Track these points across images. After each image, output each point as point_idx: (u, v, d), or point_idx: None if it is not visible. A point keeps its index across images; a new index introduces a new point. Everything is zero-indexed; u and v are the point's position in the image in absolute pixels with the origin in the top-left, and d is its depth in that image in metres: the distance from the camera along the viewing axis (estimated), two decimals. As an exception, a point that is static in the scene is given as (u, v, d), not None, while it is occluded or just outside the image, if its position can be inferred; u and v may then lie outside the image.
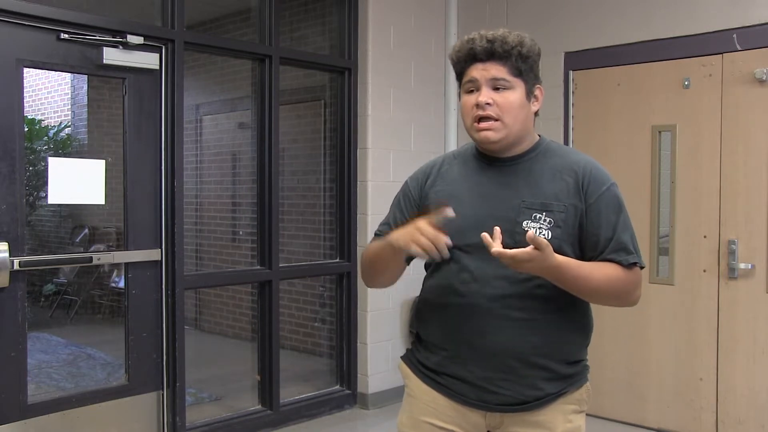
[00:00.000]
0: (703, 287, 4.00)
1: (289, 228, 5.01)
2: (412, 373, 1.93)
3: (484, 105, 1.75)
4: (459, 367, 1.80)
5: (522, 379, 1.76)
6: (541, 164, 1.82)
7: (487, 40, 1.76)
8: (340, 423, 4.39)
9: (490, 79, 1.75)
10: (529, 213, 1.74)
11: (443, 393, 1.84)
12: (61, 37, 3.35)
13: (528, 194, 1.77)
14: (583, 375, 1.86)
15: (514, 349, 1.74)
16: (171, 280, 3.73)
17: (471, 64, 1.78)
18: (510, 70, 1.76)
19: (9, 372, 3.24)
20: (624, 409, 4.29)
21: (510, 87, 1.76)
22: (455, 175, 1.88)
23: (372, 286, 2.04)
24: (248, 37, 4.65)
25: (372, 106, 4.56)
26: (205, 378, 4.86)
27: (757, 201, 3.81)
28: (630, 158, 4.24)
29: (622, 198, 1.82)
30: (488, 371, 1.76)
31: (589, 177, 1.78)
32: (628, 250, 1.77)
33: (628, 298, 1.81)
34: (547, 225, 1.73)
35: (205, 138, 6.48)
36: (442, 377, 1.84)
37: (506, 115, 1.75)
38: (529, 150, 1.84)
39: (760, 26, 3.77)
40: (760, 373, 3.81)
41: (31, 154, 5.16)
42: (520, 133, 1.80)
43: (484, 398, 1.79)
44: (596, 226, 1.75)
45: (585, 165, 1.81)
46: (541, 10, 4.57)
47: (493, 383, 1.77)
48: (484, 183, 1.83)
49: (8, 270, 3.18)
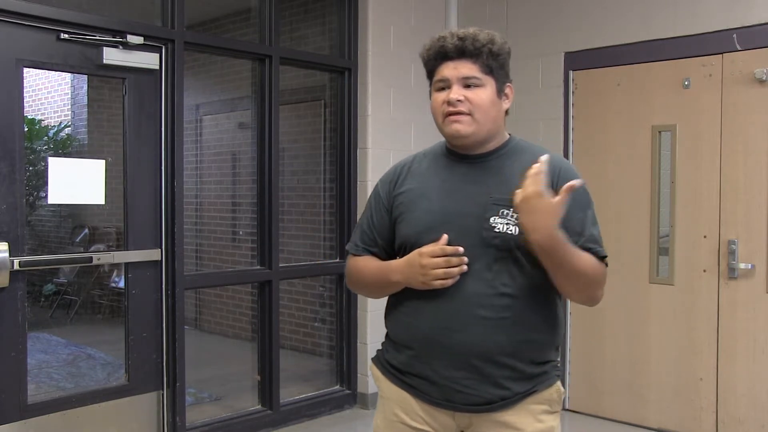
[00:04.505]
0: (703, 287, 4.00)
1: (289, 228, 5.01)
2: (381, 375, 1.92)
3: (456, 102, 1.75)
4: (424, 366, 1.79)
5: (487, 378, 1.74)
6: (511, 161, 1.81)
7: (458, 38, 1.76)
8: (340, 423, 4.39)
9: (462, 78, 1.76)
10: (496, 209, 1.73)
11: (411, 393, 1.83)
12: (61, 37, 3.35)
13: (496, 190, 1.76)
14: (551, 375, 1.83)
15: (479, 348, 1.73)
16: (171, 280, 3.73)
17: (442, 62, 1.78)
18: (481, 67, 1.76)
19: (9, 372, 3.24)
20: (624, 409, 4.29)
21: (481, 84, 1.76)
22: (424, 172, 1.88)
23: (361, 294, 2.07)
24: (248, 37, 4.65)
25: (372, 106, 4.56)
26: (205, 378, 4.86)
27: (757, 201, 3.81)
28: (630, 158, 4.24)
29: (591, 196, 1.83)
30: (453, 370, 1.75)
31: (559, 173, 1.77)
32: (600, 243, 1.77)
33: (598, 290, 1.79)
34: (514, 221, 1.71)
35: (205, 138, 6.48)
36: (408, 377, 1.84)
37: (477, 111, 1.76)
38: (498, 147, 1.84)
39: (760, 26, 3.77)
40: (760, 373, 3.81)
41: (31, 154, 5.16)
42: (491, 130, 1.80)
43: (450, 398, 1.78)
44: (566, 220, 1.71)
45: (555, 162, 1.79)
46: (541, 10, 4.57)
47: (458, 382, 1.75)
48: (452, 179, 1.83)
49: (8, 270, 3.18)
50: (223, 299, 6.16)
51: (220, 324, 6.20)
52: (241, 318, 5.94)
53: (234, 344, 5.98)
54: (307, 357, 5.26)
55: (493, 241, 1.72)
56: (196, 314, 6.36)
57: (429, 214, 1.78)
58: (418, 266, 1.72)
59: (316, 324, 5.19)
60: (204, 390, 4.62)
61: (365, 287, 1.98)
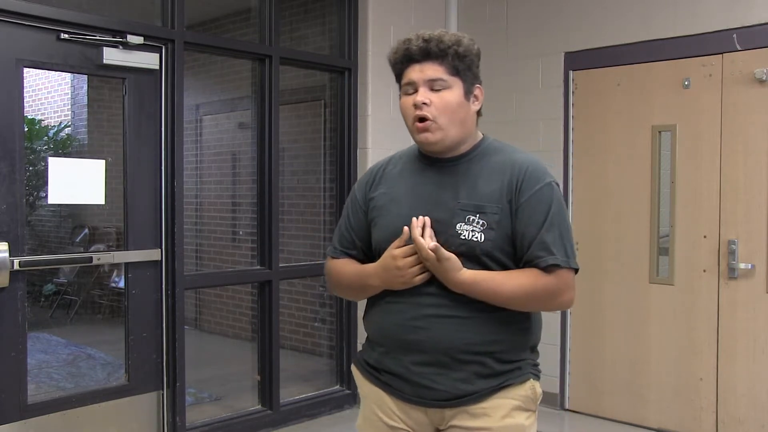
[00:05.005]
0: (703, 287, 4.00)
1: (289, 228, 5.02)
2: (360, 375, 1.94)
3: (421, 104, 1.74)
4: (395, 362, 1.81)
5: (455, 373, 1.75)
6: (480, 164, 1.80)
7: (423, 39, 1.76)
8: (340, 423, 4.39)
9: (427, 80, 1.76)
10: (463, 215, 1.74)
11: (386, 391, 1.85)
12: (61, 37, 3.35)
13: (464, 195, 1.76)
14: (525, 372, 1.81)
15: (446, 345, 1.74)
16: (171, 280, 3.73)
17: (408, 65, 1.79)
18: (447, 69, 1.76)
19: (9, 372, 3.24)
20: (624, 409, 4.29)
21: (447, 87, 1.76)
22: (397, 177, 1.89)
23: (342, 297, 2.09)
24: (248, 37, 4.65)
25: (372, 106, 4.56)
26: (205, 378, 4.86)
27: (757, 201, 3.81)
28: (630, 158, 4.24)
29: (558, 197, 1.77)
30: (422, 367, 1.76)
31: (523, 176, 1.75)
32: (550, 250, 1.70)
33: (552, 302, 1.76)
34: (480, 228, 1.72)
35: (205, 138, 6.48)
36: (383, 374, 1.86)
37: (442, 116, 1.75)
38: (469, 150, 1.83)
39: (760, 26, 3.77)
40: (760, 373, 3.81)
41: (31, 154, 5.16)
42: (460, 133, 1.79)
43: (420, 394, 1.79)
44: (524, 225, 1.72)
45: (522, 163, 1.78)
46: (541, 10, 4.57)
47: (427, 378, 1.76)
48: (423, 184, 1.83)
49: (8, 270, 3.18)
50: (223, 299, 6.16)
51: (220, 324, 6.20)
52: (241, 318, 5.94)
53: (234, 344, 5.98)
54: (307, 357, 5.26)
55: (460, 248, 1.72)
56: (196, 314, 6.36)
57: (400, 219, 1.78)
58: (394, 269, 1.74)
59: (316, 324, 5.19)
60: (204, 390, 4.62)
61: (345, 290, 2.00)
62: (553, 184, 1.78)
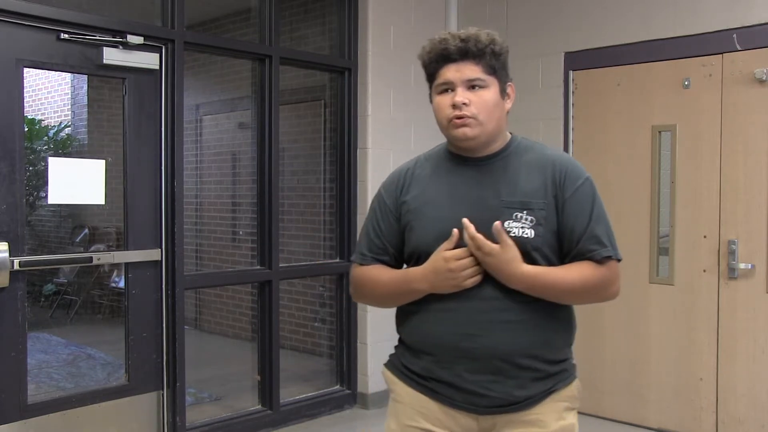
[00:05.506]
0: (703, 287, 4.00)
1: (289, 228, 5.02)
2: (397, 379, 1.90)
3: (461, 105, 1.73)
4: (447, 371, 1.78)
5: (510, 380, 1.74)
6: (516, 161, 1.80)
7: (460, 39, 1.74)
8: (340, 423, 4.39)
9: (465, 80, 1.74)
10: (509, 212, 1.72)
11: (432, 397, 1.81)
12: (61, 37, 3.35)
13: (506, 193, 1.75)
14: (571, 372, 1.84)
15: (502, 351, 1.72)
16: (171, 280, 3.73)
17: (444, 64, 1.76)
18: (484, 68, 1.75)
19: (9, 372, 3.24)
20: (624, 409, 4.29)
21: (485, 86, 1.75)
22: (429, 178, 1.86)
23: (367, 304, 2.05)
24: (248, 37, 4.65)
25: (372, 106, 4.56)
26: (205, 378, 4.86)
27: (757, 201, 3.81)
28: (630, 158, 4.24)
29: (597, 192, 1.81)
30: (476, 374, 1.74)
31: (564, 172, 1.77)
32: (602, 242, 1.74)
33: (605, 293, 1.79)
34: (529, 224, 1.71)
35: (205, 138, 6.48)
36: (430, 382, 1.82)
37: (481, 113, 1.74)
38: (503, 148, 1.82)
39: (760, 26, 3.77)
40: (760, 373, 3.81)
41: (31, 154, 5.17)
42: (495, 131, 1.79)
43: (473, 401, 1.77)
44: (571, 220, 1.73)
45: (560, 160, 1.80)
46: (541, 10, 4.57)
47: (481, 386, 1.75)
48: (459, 184, 1.81)
49: (8, 270, 3.18)
50: (223, 299, 6.16)
51: (220, 324, 6.20)
52: (241, 318, 5.94)
53: (234, 344, 5.98)
54: (307, 357, 5.26)
55: None
56: (196, 314, 6.36)
57: (442, 222, 1.75)
58: (446, 272, 1.70)
59: (316, 324, 5.19)
60: (204, 390, 4.62)
61: (378, 297, 1.93)
62: (591, 179, 1.81)
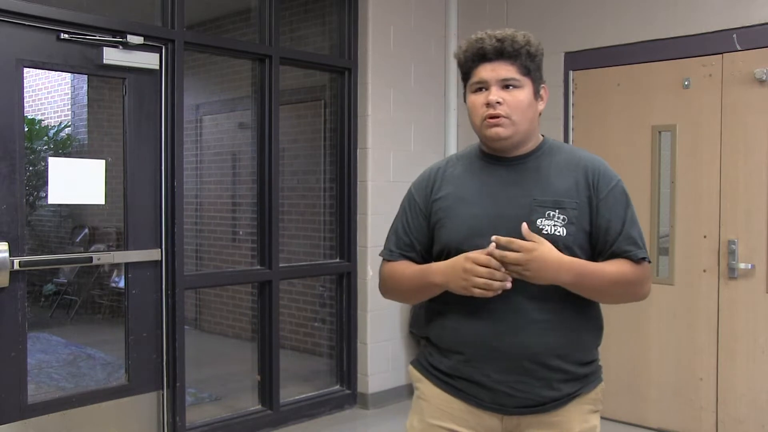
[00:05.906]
0: (703, 287, 4.00)
1: (289, 228, 5.02)
2: (423, 377, 1.90)
3: (495, 104, 1.74)
4: (475, 371, 1.78)
5: (539, 380, 1.75)
6: (548, 162, 1.81)
7: (496, 39, 1.75)
8: (340, 423, 4.39)
9: (500, 80, 1.75)
10: (542, 211, 1.73)
11: (458, 396, 1.82)
12: (61, 37, 3.35)
13: (538, 192, 1.76)
14: (597, 375, 1.87)
15: (531, 351, 1.73)
16: (171, 280, 3.73)
17: (479, 63, 1.77)
18: (519, 69, 1.76)
19: (9, 372, 3.24)
20: (624, 409, 4.29)
21: (519, 86, 1.76)
22: (461, 177, 1.87)
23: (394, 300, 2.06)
24: (248, 37, 4.65)
25: (372, 107, 4.56)
26: (205, 378, 4.86)
27: (757, 201, 3.81)
28: (630, 158, 4.24)
29: (629, 194, 1.84)
30: (505, 374, 1.75)
31: (598, 173, 1.79)
32: (637, 244, 1.78)
33: (640, 290, 1.83)
34: (561, 222, 1.73)
35: (205, 138, 6.48)
36: (456, 381, 1.82)
37: (515, 113, 1.75)
38: (535, 149, 1.83)
39: (760, 26, 3.77)
40: (760, 373, 3.81)
41: (31, 154, 5.16)
42: (528, 131, 1.80)
43: (500, 401, 1.77)
44: (606, 221, 1.76)
45: (592, 161, 1.83)
46: (541, 10, 4.57)
47: (509, 386, 1.75)
48: (491, 183, 1.82)
49: (8, 270, 3.18)
50: (223, 299, 6.16)
51: (220, 324, 6.20)
52: (241, 318, 5.94)
53: (234, 344, 5.98)
54: (307, 357, 5.26)
55: None
56: (196, 314, 6.36)
57: (473, 219, 1.76)
58: (461, 270, 1.70)
59: (316, 324, 5.19)
60: (204, 390, 4.62)
61: (402, 293, 1.95)
62: (622, 181, 1.84)
